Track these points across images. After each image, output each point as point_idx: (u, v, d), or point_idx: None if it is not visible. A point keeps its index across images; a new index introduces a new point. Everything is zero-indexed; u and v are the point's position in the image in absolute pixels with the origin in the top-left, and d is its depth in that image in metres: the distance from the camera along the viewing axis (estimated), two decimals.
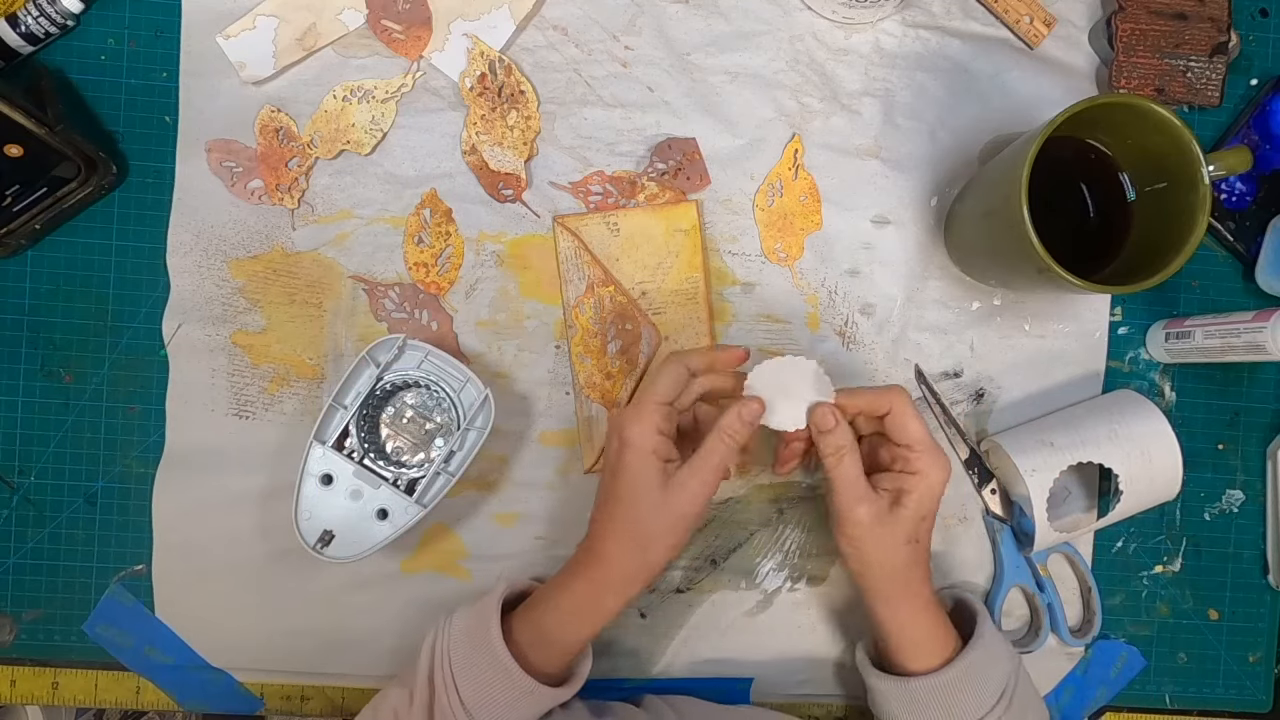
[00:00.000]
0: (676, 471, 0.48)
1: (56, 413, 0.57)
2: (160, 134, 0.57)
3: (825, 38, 0.59)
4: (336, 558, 0.53)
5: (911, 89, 0.59)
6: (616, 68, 0.58)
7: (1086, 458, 0.55)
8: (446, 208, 0.58)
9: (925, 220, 0.60)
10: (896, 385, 0.51)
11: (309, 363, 0.57)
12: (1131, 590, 0.61)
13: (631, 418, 0.49)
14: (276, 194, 0.57)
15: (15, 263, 0.57)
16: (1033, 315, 0.60)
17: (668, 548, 0.48)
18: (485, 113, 0.57)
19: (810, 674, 0.60)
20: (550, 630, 0.49)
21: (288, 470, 0.57)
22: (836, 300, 0.59)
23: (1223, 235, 0.61)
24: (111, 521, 0.57)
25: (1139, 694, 0.61)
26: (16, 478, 0.57)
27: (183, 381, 0.57)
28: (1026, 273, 0.50)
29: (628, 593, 0.49)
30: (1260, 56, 0.61)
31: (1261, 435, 0.62)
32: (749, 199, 0.59)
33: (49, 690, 0.58)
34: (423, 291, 0.58)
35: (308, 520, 0.53)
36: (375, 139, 0.57)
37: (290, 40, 0.56)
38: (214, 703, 0.58)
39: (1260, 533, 0.62)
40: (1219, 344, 0.56)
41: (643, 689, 0.58)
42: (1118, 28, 0.58)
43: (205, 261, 0.57)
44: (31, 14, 0.54)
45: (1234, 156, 0.50)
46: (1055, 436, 0.56)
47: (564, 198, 0.58)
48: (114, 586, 0.57)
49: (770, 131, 0.59)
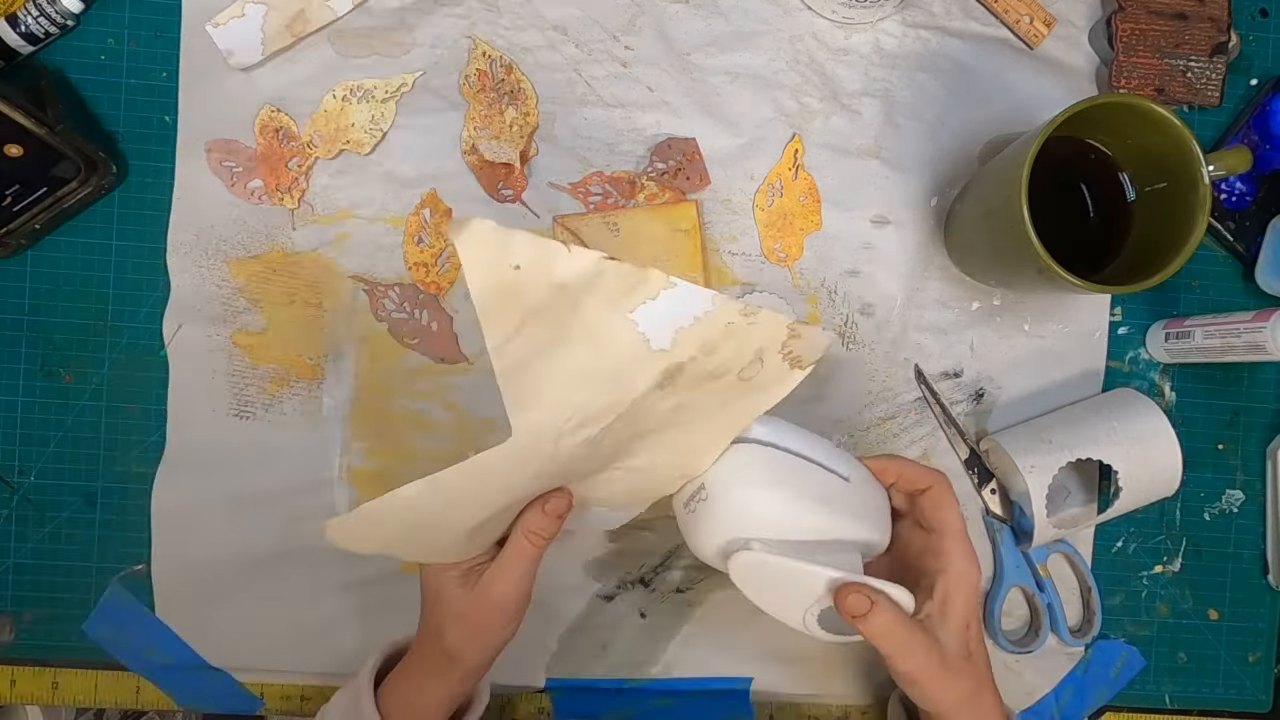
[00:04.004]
0: (484, 571, 0.44)
1: (56, 413, 0.57)
2: (160, 134, 0.57)
3: (825, 38, 0.59)
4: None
5: (911, 89, 0.59)
6: (616, 68, 0.58)
7: (1085, 454, 0.55)
8: (447, 208, 0.58)
9: (925, 220, 0.60)
10: (941, 471, 0.46)
11: (309, 363, 0.57)
12: (1131, 590, 0.61)
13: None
14: (276, 194, 0.57)
15: (15, 263, 0.57)
16: (1033, 315, 0.60)
17: (483, 649, 0.45)
18: (484, 109, 0.57)
19: (810, 674, 0.60)
20: (412, 698, 0.46)
21: (288, 470, 0.57)
22: (836, 300, 0.59)
23: (1223, 235, 0.61)
24: (111, 521, 0.57)
25: (1139, 694, 0.61)
26: (16, 478, 0.57)
27: (183, 381, 0.57)
28: (1026, 273, 0.50)
29: (467, 680, 0.46)
30: (1260, 56, 0.61)
31: (1261, 435, 0.62)
32: (749, 199, 0.59)
33: (49, 690, 0.58)
34: (423, 291, 0.58)
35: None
36: (375, 139, 0.57)
37: (279, 27, 0.55)
38: (214, 703, 0.58)
39: (1260, 533, 0.62)
40: (1219, 344, 0.56)
41: (642, 689, 0.59)
42: (1118, 28, 0.58)
43: (205, 261, 0.57)
44: (31, 14, 0.54)
45: (1234, 156, 0.50)
46: (1054, 434, 0.56)
47: (564, 198, 0.58)
48: (114, 586, 0.57)
49: (770, 131, 0.59)
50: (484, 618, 0.44)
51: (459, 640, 0.44)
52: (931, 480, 0.45)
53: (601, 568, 0.59)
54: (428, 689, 0.46)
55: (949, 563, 0.44)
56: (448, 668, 0.45)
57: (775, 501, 0.43)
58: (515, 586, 0.43)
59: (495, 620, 0.44)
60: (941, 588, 0.44)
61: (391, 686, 0.47)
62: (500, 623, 0.44)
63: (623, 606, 0.59)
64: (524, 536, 0.43)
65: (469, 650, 0.45)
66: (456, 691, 0.46)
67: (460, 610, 0.44)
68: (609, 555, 0.59)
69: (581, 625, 0.59)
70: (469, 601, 0.44)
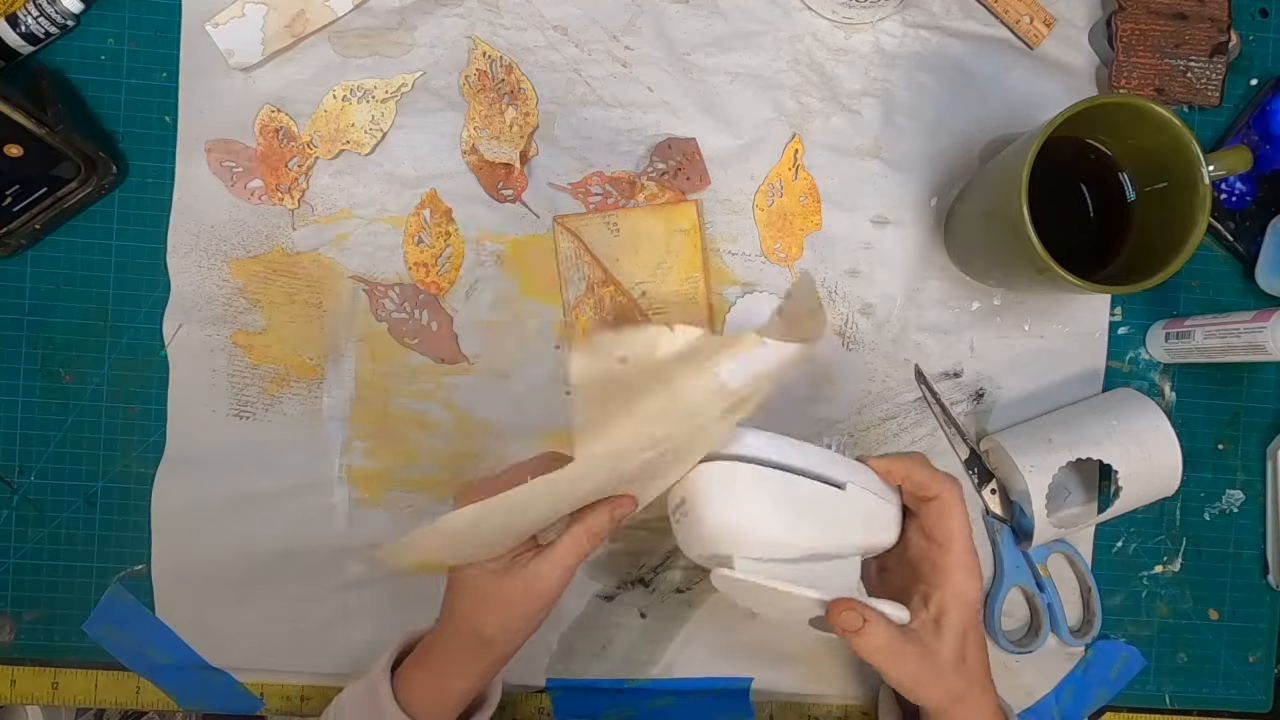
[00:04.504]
0: (531, 560, 0.44)
1: (56, 413, 0.57)
2: (160, 134, 0.57)
3: (825, 38, 0.59)
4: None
5: (911, 89, 0.59)
6: (616, 68, 0.58)
7: (1085, 454, 0.55)
8: (446, 208, 0.58)
9: (925, 220, 0.60)
10: (953, 478, 0.45)
11: (309, 363, 0.57)
12: (1131, 590, 0.61)
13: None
14: (276, 194, 0.57)
15: (15, 263, 0.57)
16: (1033, 315, 0.60)
17: (517, 634, 0.45)
18: (484, 109, 0.57)
19: (810, 674, 0.60)
20: (433, 687, 0.47)
21: (288, 470, 0.57)
22: (836, 300, 0.59)
23: (1223, 235, 0.61)
24: (111, 521, 0.57)
25: (1139, 694, 0.61)
26: (16, 478, 0.57)
27: (183, 382, 0.57)
28: (1026, 273, 0.50)
29: (496, 666, 0.47)
30: (1260, 56, 0.61)
31: (1261, 435, 0.62)
32: (749, 199, 0.59)
33: (49, 690, 0.58)
34: (423, 291, 0.58)
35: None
36: (375, 139, 0.57)
37: (279, 27, 0.55)
38: (214, 703, 0.58)
39: (1260, 533, 0.62)
40: (1219, 344, 0.56)
41: (643, 689, 0.58)
42: (1118, 28, 0.58)
43: (205, 261, 0.57)
44: (31, 14, 0.54)
45: (1234, 156, 0.50)
46: (1054, 433, 0.56)
47: (564, 198, 0.58)
48: (114, 586, 0.57)
49: (770, 131, 0.59)
50: (528, 605, 0.44)
51: (498, 625, 0.45)
52: (939, 489, 0.44)
53: (601, 568, 0.59)
54: (451, 678, 0.46)
55: (948, 579, 0.43)
56: (481, 653, 0.46)
57: (758, 519, 0.42)
58: (561, 578, 0.44)
59: (535, 607, 0.44)
60: (937, 601, 0.43)
61: (409, 677, 0.47)
62: (539, 610, 0.45)
63: (623, 606, 0.59)
64: (584, 535, 0.44)
65: (505, 635, 0.45)
66: (481, 679, 0.47)
67: (504, 597, 0.44)
68: (609, 555, 0.59)
69: (581, 625, 0.59)
70: (513, 588, 0.44)
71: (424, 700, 0.46)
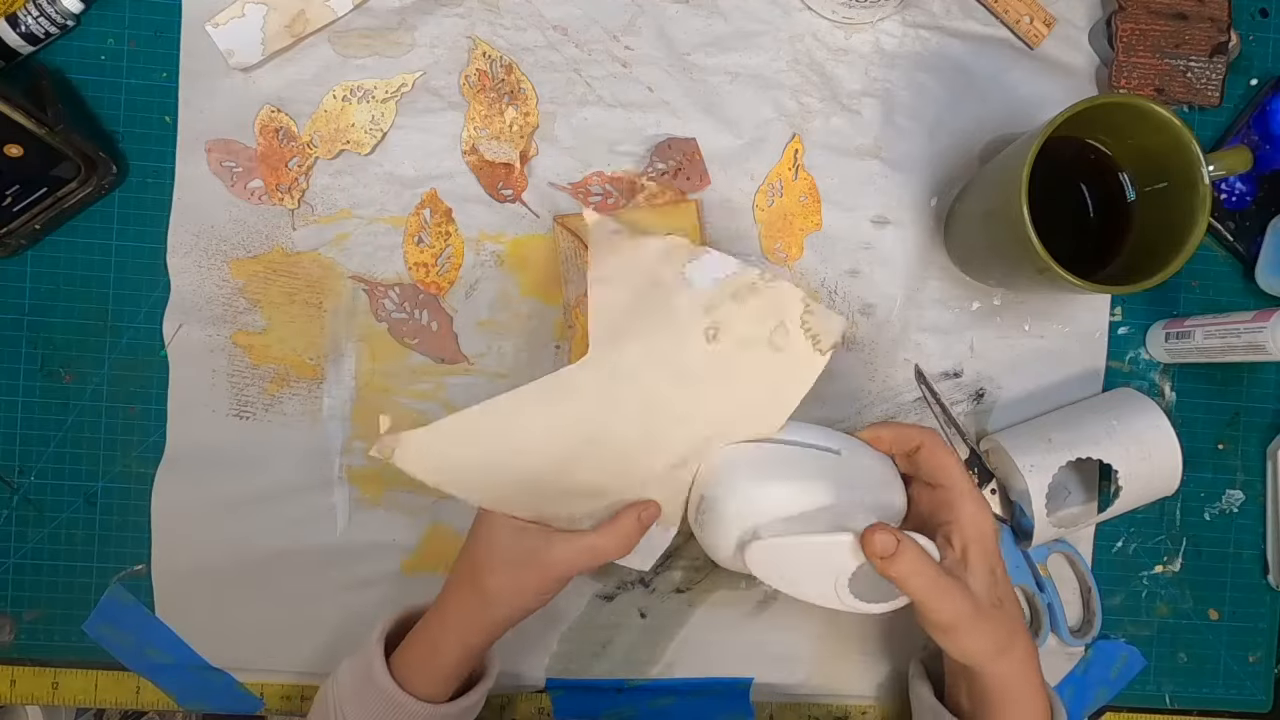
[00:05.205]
0: (553, 534, 0.46)
1: (56, 413, 0.57)
2: (160, 134, 0.57)
3: (825, 38, 0.59)
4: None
5: (911, 89, 0.59)
6: (616, 68, 0.58)
7: (1085, 453, 0.55)
8: (446, 208, 0.58)
9: (925, 220, 0.60)
10: (930, 429, 0.47)
11: (309, 363, 0.57)
12: (1131, 590, 0.61)
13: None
14: (276, 194, 0.57)
15: (15, 263, 0.57)
16: (1033, 315, 0.60)
17: (514, 601, 0.46)
18: (484, 109, 0.57)
19: (810, 674, 0.60)
20: (427, 658, 0.47)
21: (288, 470, 0.57)
22: (836, 300, 0.59)
23: (1223, 235, 0.61)
24: (111, 521, 0.57)
25: (1139, 694, 0.61)
26: (16, 478, 0.57)
27: (183, 382, 0.57)
28: (1026, 273, 0.50)
29: (491, 630, 0.47)
30: (1260, 56, 0.61)
31: (1261, 435, 0.62)
32: (749, 199, 0.59)
33: (49, 690, 0.58)
34: (423, 291, 0.58)
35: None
36: (375, 139, 0.57)
37: (279, 27, 0.55)
38: (214, 703, 0.58)
39: (1260, 533, 0.62)
40: (1219, 344, 0.56)
41: (642, 689, 0.59)
42: (1118, 28, 0.58)
43: (205, 261, 0.57)
44: (31, 14, 0.54)
45: (1234, 156, 0.50)
46: (1054, 433, 0.56)
47: (564, 198, 0.58)
48: (114, 586, 0.57)
49: (770, 131, 0.59)
50: (531, 572, 0.45)
51: (498, 582, 0.46)
52: (921, 438, 0.46)
53: (601, 568, 0.59)
54: (445, 633, 0.47)
55: (959, 511, 0.45)
56: (476, 609, 0.46)
57: (772, 489, 0.45)
58: (572, 562, 0.45)
59: (536, 577, 0.45)
60: (959, 536, 0.44)
61: (404, 650, 0.48)
62: (539, 583, 0.46)
63: (623, 606, 0.59)
64: (610, 534, 0.46)
65: (501, 596, 0.46)
66: (473, 647, 0.47)
67: (514, 552, 0.46)
68: None
69: (581, 625, 0.59)
70: (524, 549, 0.45)
71: (418, 673, 0.46)
